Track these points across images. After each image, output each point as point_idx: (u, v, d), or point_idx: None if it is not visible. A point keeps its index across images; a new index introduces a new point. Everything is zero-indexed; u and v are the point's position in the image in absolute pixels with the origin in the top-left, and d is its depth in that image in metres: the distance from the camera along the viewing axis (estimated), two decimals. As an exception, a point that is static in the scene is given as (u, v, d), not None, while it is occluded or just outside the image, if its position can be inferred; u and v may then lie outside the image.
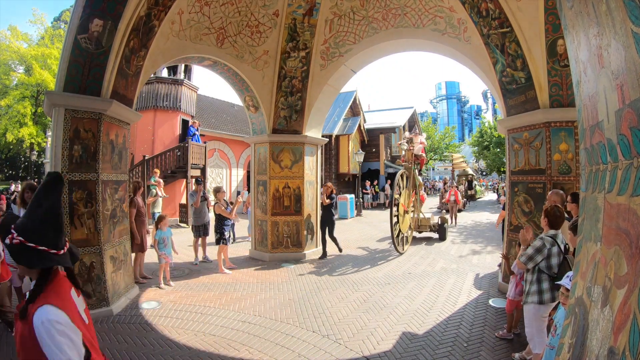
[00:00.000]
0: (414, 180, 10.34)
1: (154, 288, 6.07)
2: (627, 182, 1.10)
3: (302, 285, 6.35)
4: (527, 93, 5.52)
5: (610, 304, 1.13)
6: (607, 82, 1.25)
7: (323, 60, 7.88)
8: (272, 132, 8.18)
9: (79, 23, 4.56)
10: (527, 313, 3.48)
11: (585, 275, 1.44)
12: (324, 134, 18.06)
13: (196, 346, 4.07)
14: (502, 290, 5.78)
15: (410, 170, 10.09)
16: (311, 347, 4.07)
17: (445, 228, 10.89)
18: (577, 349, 1.38)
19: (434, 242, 10.69)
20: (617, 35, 1.15)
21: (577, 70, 1.65)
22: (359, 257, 8.64)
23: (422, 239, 11.04)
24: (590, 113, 1.46)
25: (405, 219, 9.27)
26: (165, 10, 5.74)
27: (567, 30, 1.78)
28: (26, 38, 24.09)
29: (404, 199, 9.30)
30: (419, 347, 4.06)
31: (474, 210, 20.67)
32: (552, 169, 5.29)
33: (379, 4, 7.03)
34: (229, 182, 17.96)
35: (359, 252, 9.30)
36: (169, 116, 14.80)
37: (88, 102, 4.81)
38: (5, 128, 21.89)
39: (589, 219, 1.48)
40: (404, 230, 9.12)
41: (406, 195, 9.52)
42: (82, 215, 4.74)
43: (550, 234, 3.37)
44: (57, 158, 4.61)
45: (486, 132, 36.46)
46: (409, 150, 10.27)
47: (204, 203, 8.10)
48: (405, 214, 9.26)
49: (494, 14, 5.46)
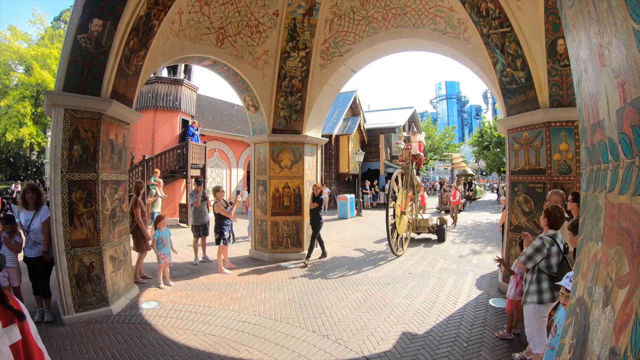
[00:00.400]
0: (412, 180, 10.12)
1: (154, 288, 6.06)
2: (629, 181, 1.09)
3: (302, 285, 6.34)
4: (527, 93, 5.52)
5: (611, 304, 1.12)
6: (608, 80, 1.24)
7: (323, 60, 7.87)
8: (272, 132, 8.17)
9: (79, 23, 4.55)
10: (527, 313, 3.47)
11: (586, 275, 1.44)
12: (323, 134, 18.07)
13: (196, 346, 4.06)
14: (502, 290, 5.77)
15: (407, 170, 9.83)
16: (311, 347, 4.06)
17: (444, 229, 10.63)
18: (578, 350, 1.38)
19: (433, 243, 10.54)
20: (618, 34, 1.15)
21: (578, 69, 1.64)
22: (359, 257, 8.63)
23: (420, 240, 10.89)
24: (591, 112, 1.45)
25: (402, 221, 9.07)
26: (165, 10, 5.74)
27: (567, 29, 1.77)
28: (26, 38, 24.05)
29: (400, 200, 9.07)
30: (419, 347, 4.05)
31: (474, 210, 20.66)
32: (552, 169, 5.28)
33: (379, 3, 7.02)
34: (229, 182, 17.95)
35: (358, 252, 9.29)
36: (168, 116, 14.80)
37: (88, 101, 4.80)
38: (5, 128, 21.87)
39: (590, 219, 1.48)
40: (400, 232, 8.92)
41: (403, 196, 9.29)
42: (81, 215, 4.73)
43: (549, 233, 3.36)
44: (56, 158, 4.60)
45: (486, 132, 36.46)
46: (406, 150, 10.00)
47: (204, 203, 8.09)
48: (402, 215, 9.07)
49: (494, 13, 5.45)
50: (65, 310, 4.58)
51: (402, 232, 8.99)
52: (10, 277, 4.50)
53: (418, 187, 10.74)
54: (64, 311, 4.59)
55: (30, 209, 4.71)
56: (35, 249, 4.63)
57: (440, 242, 10.42)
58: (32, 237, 4.61)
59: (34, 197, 4.70)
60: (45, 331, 4.35)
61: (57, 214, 4.55)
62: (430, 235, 11.09)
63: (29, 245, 4.62)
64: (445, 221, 10.97)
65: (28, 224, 4.63)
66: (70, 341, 4.11)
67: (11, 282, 4.52)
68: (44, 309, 4.71)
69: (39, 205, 4.75)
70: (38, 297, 4.72)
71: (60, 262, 4.54)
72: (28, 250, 4.63)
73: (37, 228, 4.62)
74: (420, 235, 11.18)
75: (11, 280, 4.51)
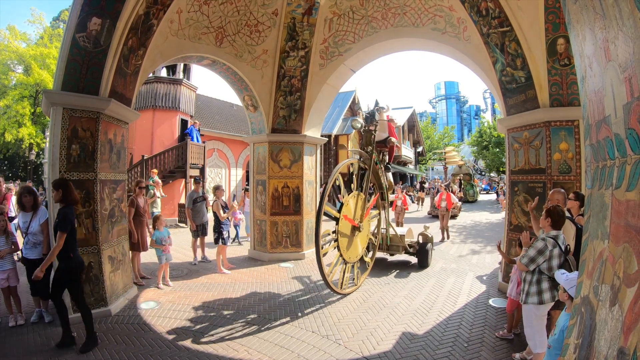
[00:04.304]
0: (378, 179, 6.98)
1: (153, 288, 6.03)
2: (637, 177, 1.07)
3: (301, 285, 6.32)
4: (527, 92, 5.50)
5: (619, 303, 1.10)
6: (614, 75, 1.22)
7: (322, 60, 7.85)
8: (271, 131, 8.15)
9: (78, 22, 4.52)
10: (527, 313, 3.46)
11: (591, 274, 1.41)
12: (323, 133, 18.02)
13: (195, 347, 4.04)
14: (502, 289, 5.76)
15: (369, 161, 6.40)
16: (310, 348, 4.04)
17: (427, 250, 7.44)
18: (583, 350, 1.35)
19: (410, 269, 7.34)
20: (624, 27, 1.12)
21: (582, 65, 1.62)
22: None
23: (391, 265, 7.70)
24: (596, 108, 1.43)
25: (355, 241, 5.94)
26: (164, 9, 5.71)
27: (571, 25, 1.75)
28: (25, 38, 23.96)
29: (351, 208, 5.83)
30: (419, 348, 4.03)
31: (474, 210, 20.66)
32: (552, 169, 5.27)
33: (379, 3, 7.01)
34: (228, 182, 17.92)
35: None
36: (167, 116, 14.77)
37: (86, 101, 4.78)
38: (4, 128, 21.80)
39: (595, 217, 1.45)
40: (351, 258, 5.85)
41: (357, 202, 5.97)
42: (80, 214, 4.70)
43: (551, 234, 3.34)
44: (55, 157, 4.58)
45: (485, 132, 36.53)
46: (368, 132, 6.50)
47: (203, 203, 8.06)
48: (356, 232, 5.91)
49: (493, 13, 5.44)
50: (64, 310, 4.54)
51: (353, 259, 5.93)
52: (8, 278, 4.47)
53: (389, 188, 7.42)
54: (62, 312, 4.55)
55: (28, 211, 4.68)
56: (35, 251, 4.59)
57: (421, 268, 7.39)
58: (31, 238, 4.58)
59: (30, 200, 4.67)
60: (43, 331, 4.32)
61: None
62: (409, 257, 7.94)
63: (29, 246, 4.59)
64: (429, 238, 7.87)
65: (26, 225, 4.60)
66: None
67: (9, 282, 4.49)
68: (42, 309, 4.68)
69: (36, 207, 4.72)
70: (36, 298, 4.69)
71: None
72: (28, 251, 4.60)
73: (35, 230, 4.59)
74: (394, 257, 8.14)
75: (9, 281, 4.48)
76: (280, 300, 5.59)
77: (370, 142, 6.48)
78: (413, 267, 7.58)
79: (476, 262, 8.06)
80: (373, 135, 6.47)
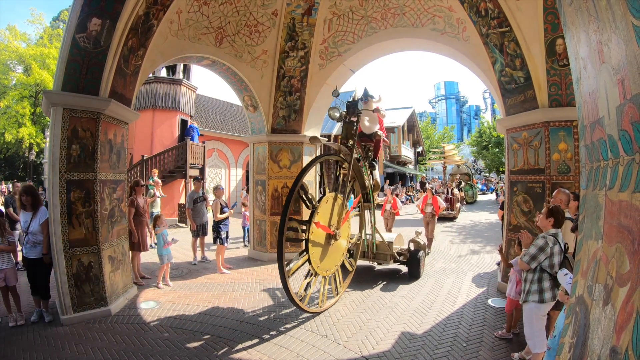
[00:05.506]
0: (361, 178, 6.10)
1: (153, 288, 6.04)
2: (629, 178, 1.08)
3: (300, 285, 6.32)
4: (526, 92, 5.51)
5: (612, 303, 1.12)
6: (607, 77, 1.23)
7: (322, 60, 7.87)
8: (271, 131, 8.16)
9: (78, 22, 4.53)
10: (527, 312, 3.46)
11: (586, 273, 1.43)
12: (322, 133, 18.06)
13: (194, 346, 4.05)
14: (501, 289, 5.77)
15: (349, 156, 5.42)
16: (310, 347, 4.05)
17: (419, 259, 6.70)
18: (577, 349, 1.37)
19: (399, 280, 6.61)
20: (617, 30, 1.14)
21: (577, 67, 1.64)
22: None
23: (379, 275, 7.02)
24: (590, 109, 1.45)
25: (331, 252, 5.16)
26: (164, 10, 5.72)
27: (566, 27, 1.77)
28: (25, 38, 23.97)
29: (326, 214, 5.00)
30: (418, 347, 4.04)
31: (473, 210, 20.67)
32: (551, 169, 5.28)
33: (378, 3, 7.02)
34: (228, 182, 17.93)
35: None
36: (167, 116, 14.78)
37: (86, 101, 4.79)
38: (4, 128, 21.82)
39: (590, 217, 1.47)
40: (326, 271, 5.13)
41: (333, 207, 5.13)
42: (80, 214, 4.72)
43: (551, 232, 3.36)
44: (55, 157, 4.59)
45: (485, 132, 36.59)
46: (350, 123, 5.54)
47: (203, 203, 8.07)
48: (332, 241, 5.13)
49: (492, 13, 5.45)
50: (64, 310, 4.57)
51: (331, 270, 5.27)
52: (6, 278, 4.48)
53: (376, 188, 6.55)
54: (63, 311, 4.58)
55: (28, 210, 4.70)
56: (35, 250, 4.61)
57: (413, 279, 6.65)
58: (31, 238, 4.60)
59: (29, 199, 4.69)
60: (43, 331, 4.34)
61: (56, 213, 4.54)
62: (398, 266, 7.19)
63: (29, 246, 4.61)
64: (421, 246, 7.20)
65: (27, 225, 4.62)
66: (69, 341, 4.09)
67: (7, 281, 4.49)
68: (42, 309, 4.69)
69: (37, 206, 4.74)
70: (36, 297, 4.71)
71: (58, 261, 4.53)
72: (28, 251, 4.62)
73: (35, 229, 4.61)
74: (381, 267, 7.39)
75: (7, 280, 4.49)
76: (280, 300, 5.60)
77: (351, 135, 5.52)
78: (403, 277, 6.83)
79: (475, 262, 8.07)
80: (355, 128, 5.52)
